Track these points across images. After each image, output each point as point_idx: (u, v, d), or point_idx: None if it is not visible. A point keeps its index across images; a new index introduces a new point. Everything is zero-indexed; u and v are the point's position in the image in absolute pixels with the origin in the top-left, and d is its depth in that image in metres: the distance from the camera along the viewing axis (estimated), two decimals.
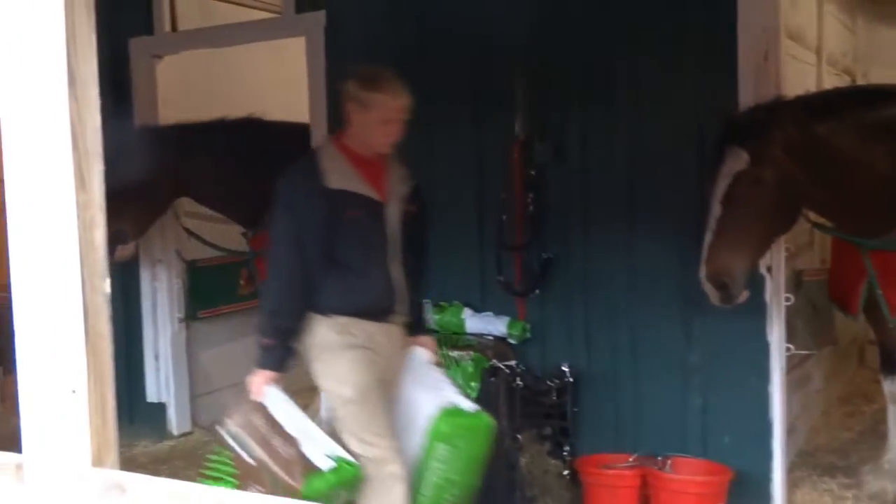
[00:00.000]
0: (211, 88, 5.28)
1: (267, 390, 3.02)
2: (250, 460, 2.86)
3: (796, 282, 4.28)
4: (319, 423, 4.67)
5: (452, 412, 3.03)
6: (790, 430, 3.97)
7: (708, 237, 3.26)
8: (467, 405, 3.10)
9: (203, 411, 5.33)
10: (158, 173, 4.55)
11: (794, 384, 4.19)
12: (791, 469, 4.05)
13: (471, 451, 3.08)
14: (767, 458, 3.77)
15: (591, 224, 4.09)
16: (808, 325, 4.40)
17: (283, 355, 3.03)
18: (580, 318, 4.11)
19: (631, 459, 3.83)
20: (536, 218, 4.15)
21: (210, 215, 5.25)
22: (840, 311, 4.10)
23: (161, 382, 5.14)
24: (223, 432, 2.97)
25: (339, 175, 2.97)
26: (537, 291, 4.18)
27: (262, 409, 2.97)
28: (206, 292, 5.30)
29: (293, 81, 5.14)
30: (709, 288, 3.28)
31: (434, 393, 3.10)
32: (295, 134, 4.75)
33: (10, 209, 1.57)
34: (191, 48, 5.14)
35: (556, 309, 4.16)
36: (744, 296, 3.29)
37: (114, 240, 3.88)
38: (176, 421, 5.12)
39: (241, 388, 5.47)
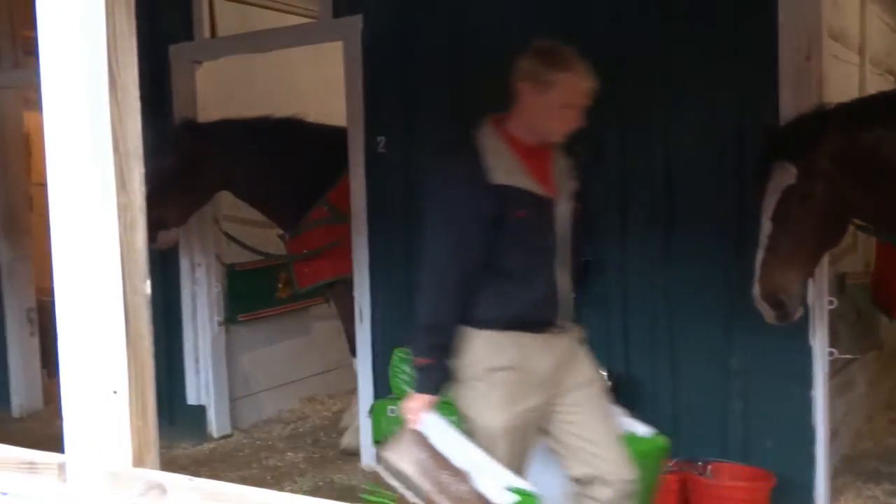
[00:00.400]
0: (250, 93, 5.32)
1: (427, 418, 2.61)
2: (417, 500, 2.51)
3: (840, 285, 4.21)
4: (354, 428, 4.72)
5: (631, 440, 2.78)
6: (833, 436, 3.90)
7: (760, 255, 3.15)
8: (643, 430, 2.87)
9: (242, 414, 5.37)
10: (201, 164, 4.63)
11: (838, 389, 4.11)
12: (834, 475, 3.98)
13: (650, 477, 2.84)
14: (810, 464, 3.71)
15: (629, 228, 4.06)
16: (852, 330, 4.32)
17: (442, 376, 2.63)
18: (618, 321, 4.07)
19: (670, 464, 3.78)
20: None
21: (248, 219, 5.29)
22: (884, 316, 4.01)
23: (201, 385, 5.19)
24: (382, 469, 2.60)
25: (504, 168, 2.59)
26: (575, 295, 4.14)
27: (423, 439, 2.56)
28: (245, 296, 5.34)
29: (330, 86, 5.17)
30: (763, 307, 3.18)
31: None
32: (334, 137, 4.78)
33: (53, 212, 1.59)
34: (230, 54, 5.19)
35: (593, 313, 4.12)
36: (799, 312, 3.20)
37: (155, 224, 3.91)
38: (216, 423, 5.16)
39: (280, 391, 5.58)
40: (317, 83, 5.62)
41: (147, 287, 1.61)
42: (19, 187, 5.92)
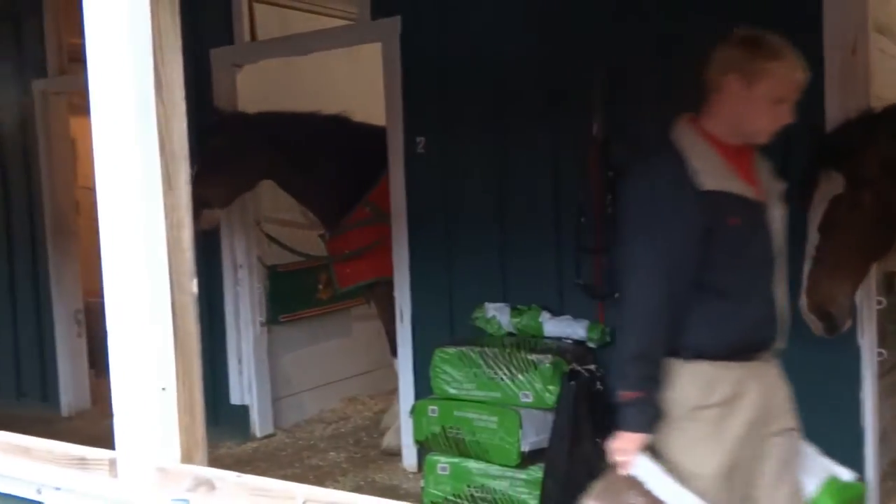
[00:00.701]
0: (289, 95, 5.36)
1: (639, 460, 2.30)
2: None
3: (888, 284, 4.13)
4: (395, 428, 4.74)
5: (836, 486, 2.56)
6: (883, 438, 3.82)
7: (808, 266, 3.07)
8: (846, 475, 2.60)
9: (284, 414, 5.42)
10: (250, 150, 4.69)
11: (887, 390, 4.03)
12: (883, 478, 3.90)
13: None
14: (859, 467, 3.64)
15: None
16: None
17: (654, 412, 2.31)
18: None
19: None
20: (615, 220, 4.09)
21: (290, 220, 5.34)
22: None
23: (244, 385, 5.24)
24: None
25: (712, 172, 2.32)
26: (617, 295, 4.11)
27: (637, 484, 2.27)
28: (287, 297, 5.39)
29: (369, 87, 5.20)
30: (811, 319, 3.10)
31: (807, 461, 2.55)
32: (377, 137, 4.80)
33: (101, 212, 1.61)
34: (269, 57, 5.23)
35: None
36: (848, 324, 3.12)
37: (200, 203, 3.95)
38: (259, 423, 5.21)
39: (321, 392, 5.62)
40: (355, 84, 5.65)
41: (194, 285, 1.63)
42: (66, 191, 6.03)
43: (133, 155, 1.56)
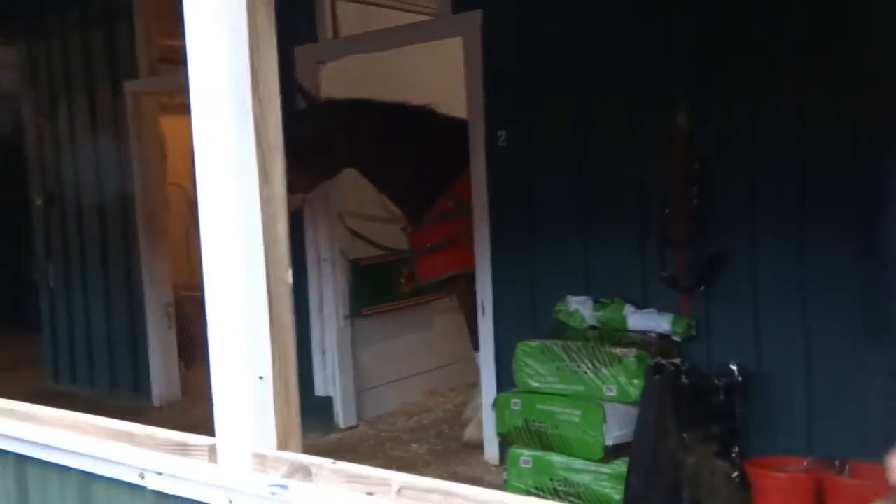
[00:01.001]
0: (372, 90, 5.42)
1: None
2: None
3: None
4: (477, 421, 4.75)
5: None
6: None
7: None
8: None
9: (367, 406, 5.48)
10: (336, 138, 4.72)
11: None
12: None
13: None
14: None
15: (758, 217, 3.93)
16: None
17: None
18: (749, 315, 3.95)
19: (805, 463, 3.65)
20: (701, 212, 4.02)
21: (372, 214, 5.39)
22: None
23: (328, 377, 5.32)
24: None
25: None
26: (702, 288, 4.06)
27: None
28: (369, 290, 5.45)
29: (450, 80, 5.21)
30: None
31: None
32: (461, 130, 4.80)
33: (201, 205, 1.66)
34: (352, 53, 5.29)
35: (722, 306, 4.02)
36: None
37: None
38: (342, 415, 5.29)
39: (403, 384, 5.67)
40: (437, 79, 5.67)
41: (289, 276, 1.67)
42: (158, 189, 6.21)
43: (231, 149, 1.61)
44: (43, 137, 6.76)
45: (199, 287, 5.74)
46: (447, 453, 4.80)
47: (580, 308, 4.24)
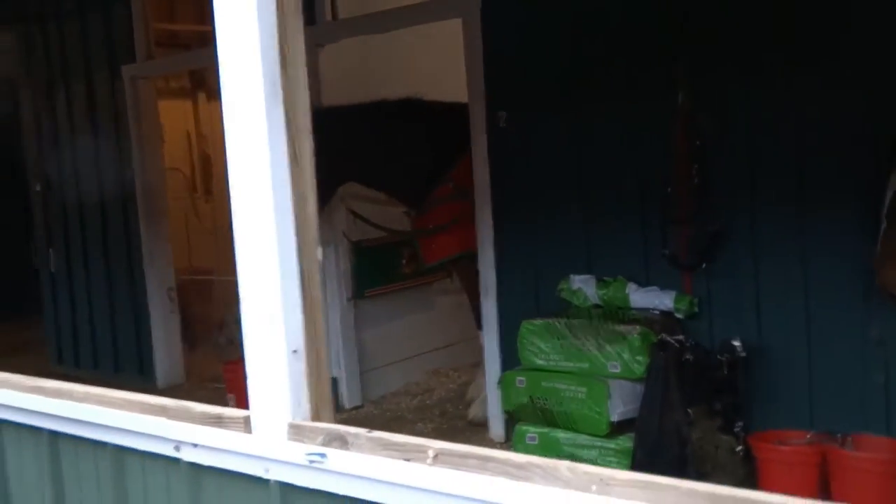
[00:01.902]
0: (370, 72, 5.44)
1: None
2: None
3: None
4: (481, 399, 4.81)
5: None
6: None
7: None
8: None
9: (371, 386, 5.54)
10: (326, 157, 4.68)
11: None
12: None
13: None
14: None
15: (759, 195, 3.98)
16: None
17: None
18: (750, 291, 4.01)
19: (808, 436, 3.72)
20: (702, 189, 4.07)
21: (374, 196, 5.42)
22: None
23: (332, 358, 5.37)
24: None
25: None
26: (704, 265, 4.11)
27: None
28: (372, 272, 5.49)
29: (450, 61, 5.24)
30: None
31: None
32: (454, 113, 4.84)
33: (232, 185, 1.70)
34: (351, 35, 5.30)
35: (724, 282, 4.08)
36: None
37: None
38: (347, 395, 5.34)
39: (406, 365, 5.71)
40: (437, 59, 5.69)
41: (319, 254, 1.71)
42: (157, 173, 6.23)
43: (261, 130, 1.64)
44: (41, 123, 6.76)
45: (199, 271, 5.78)
46: (452, 432, 4.86)
47: (583, 286, 4.30)
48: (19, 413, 2.11)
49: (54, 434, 2.07)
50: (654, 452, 3.81)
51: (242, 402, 1.78)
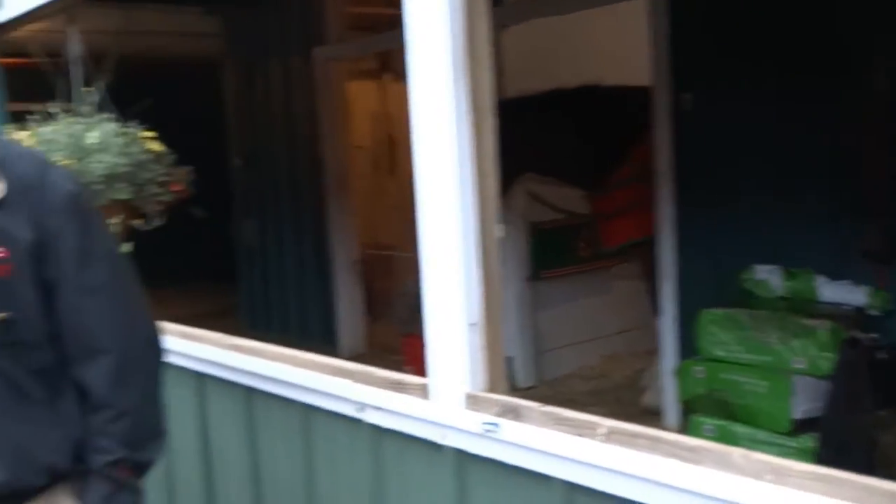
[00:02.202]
0: (555, 53, 5.43)
1: None
2: None
3: None
4: (656, 387, 4.74)
5: None
6: None
7: None
8: None
9: (545, 367, 5.57)
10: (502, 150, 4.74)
11: None
12: None
13: None
14: None
15: None
16: None
17: None
18: None
19: None
20: None
21: (553, 178, 5.43)
22: None
23: (508, 338, 5.42)
24: None
25: None
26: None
27: None
28: (549, 253, 5.51)
29: (635, 42, 5.15)
30: None
31: None
32: (634, 97, 4.76)
33: (417, 162, 1.77)
34: (536, 17, 5.31)
35: None
36: None
37: None
38: (522, 375, 5.40)
39: (581, 348, 5.70)
40: (621, 40, 5.61)
41: (499, 231, 1.76)
42: (344, 151, 6.49)
43: (446, 110, 1.69)
44: (240, 102, 7.20)
45: (381, 246, 5.98)
46: (625, 418, 4.72)
47: (768, 277, 4.14)
48: (220, 368, 2.29)
49: (249, 389, 2.23)
50: (840, 454, 3.63)
51: (419, 375, 1.86)
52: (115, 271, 1.56)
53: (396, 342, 5.90)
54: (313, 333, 6.55)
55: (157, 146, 2.73)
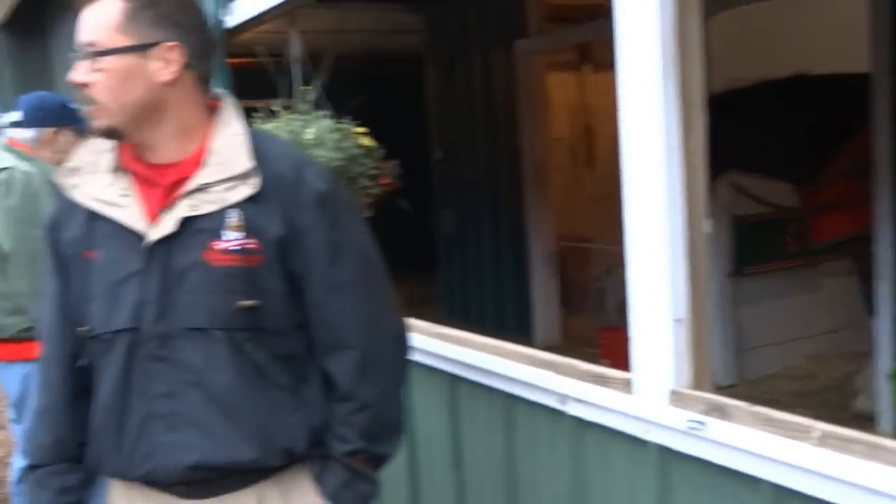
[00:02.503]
0: (763, 42, 5.21)
1: None
2: None
3: None
4: (869, 391, 4.46)
5: None
6: None
7: None
8: None
9: (746, 366, 5.37)
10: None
11: None
12: None
13: None
14: None
15: None
16: None
17: None
18: None
19: None
20: None
21: (758, 171, 5.22)
22: None
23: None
24: None
25: None
26: None
27: None
28: (753, 248, 5.30)
29: (850, 26, 4.86)
30: None
31: None
32: (849, 86, 4.49)
33: (624, 155, 1.77)
34: (746, 2, 5.11)
35: None
36: None
37: None
38: (723, 372, 5.24)
39: (785, 347, 5.45)
40: (833, 24, 5.30)
41: (707, 226, 1.73)
42: (543, 143, 6.52)
43: (655, 104, 1.69)
44: (441, 96, 7.38)
45: (578, 238, 5.96)
46: (834, 422, 4.52)
47: None
48: (424, 355, 2.39)
49: (453, 377, 2.32)
50: None
51: (615, 368, 1.87)
52: (364, 268, 1.60)
53: (591, 334, 5.87)
54: (509, 324, 6.63)
55: (367, 141, 2.87)
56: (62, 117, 3.24)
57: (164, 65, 1.52)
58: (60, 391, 1.64)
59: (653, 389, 1.69)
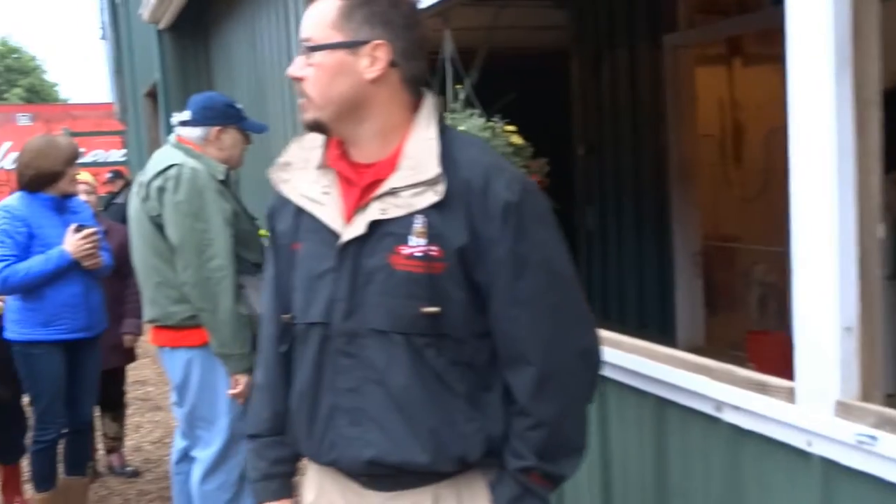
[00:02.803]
0: None
1: None
2: None
3: None
4: None
5: None
6: None
7: None
8: None
9: None
10: None
11: None
12: None
13: None
14: None
15: None
16: None
17: None
18: None
19: None
20: None
21: None
22: None
23: None
24: None
25: None
26: None
27: None
28: None
29: None
30: None
31: None
32: None
33: (792, 155, 1.70)
34: None
35: None
36: None
37: None
38: (885, 380, 4.97)
39: None
40: None
41: (880, 230, 1.65)
42: (690, 140, 6.35)
43: (827, 102, 1.62)
44: (586, 91, 7.30)
45: (724, 238, 5.77)
46: None
47: None
48: None
49: (602, 378, 2.29)
50: None
51: (762, 372, 1.80)
52: (549, 282, 1.55)
53: (737, 337, 5.68)
54: (650, 323, 6.51)
55: (517, 139, 2.87)
56: (227, 117, 3.39)
57: (371, 62, 1.54)
58: (276, 369, 1.72)
59: (818, 399, 1.62)
